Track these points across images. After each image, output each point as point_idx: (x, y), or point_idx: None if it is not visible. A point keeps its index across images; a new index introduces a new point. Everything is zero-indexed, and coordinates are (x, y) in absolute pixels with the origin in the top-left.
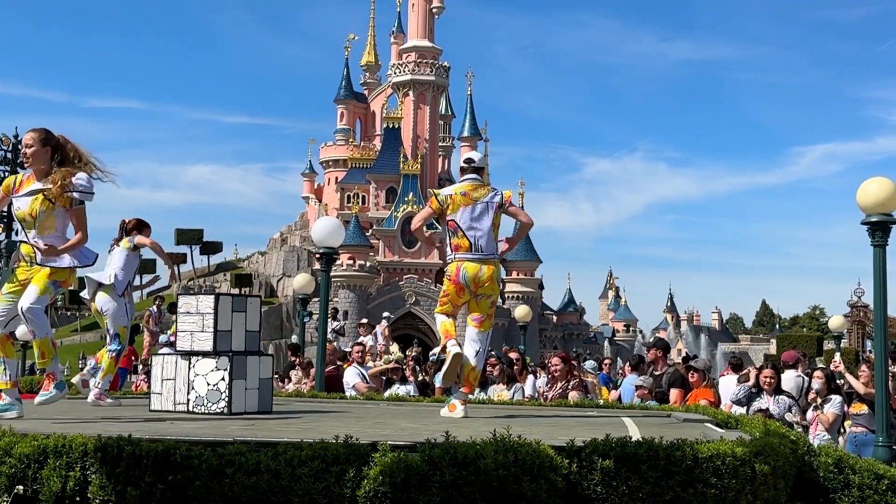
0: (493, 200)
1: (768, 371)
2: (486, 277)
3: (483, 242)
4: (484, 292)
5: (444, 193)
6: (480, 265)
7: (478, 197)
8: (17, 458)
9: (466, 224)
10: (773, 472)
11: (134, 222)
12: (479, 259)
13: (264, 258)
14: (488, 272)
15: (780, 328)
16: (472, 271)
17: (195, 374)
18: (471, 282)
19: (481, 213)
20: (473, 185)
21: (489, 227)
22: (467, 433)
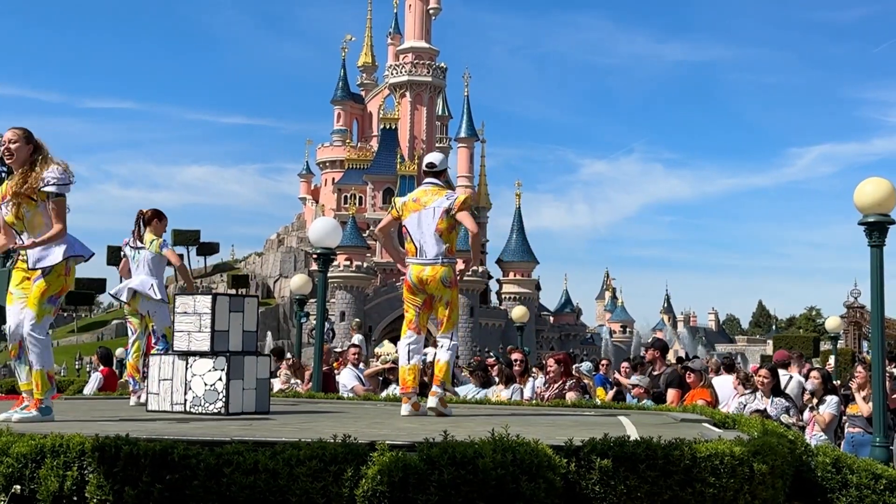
0: (441, 205)
1: (763, 371)
2: (429, 277)
3: (427, 247)
4: (432, 293)
5: (401, 201)
6: (424, 267)
7: (427, 202)
8: (15, 458)
9: (413, 229)
10: (771, 471)
11: (150, 213)
12: (422, 263)
13: (261, 259)
14: (431, 272)
15: (776, 329)
16: (416, 272)
17: (192, 374)
18: (416, 281)
19: (427, 219)
20: (427, 190)
21: (433, 232)
22: (465, 433)
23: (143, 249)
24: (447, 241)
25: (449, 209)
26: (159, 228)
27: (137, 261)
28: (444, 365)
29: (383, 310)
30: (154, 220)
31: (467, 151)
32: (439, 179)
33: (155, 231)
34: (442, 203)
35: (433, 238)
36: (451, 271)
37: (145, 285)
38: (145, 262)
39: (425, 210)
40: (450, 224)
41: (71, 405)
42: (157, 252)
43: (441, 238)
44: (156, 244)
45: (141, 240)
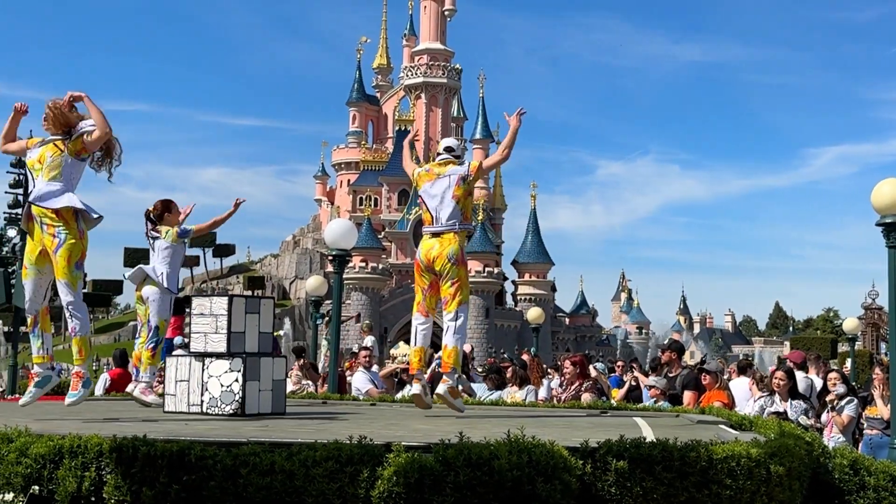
0: (457, 172)
1: (779, 373)
2: (436, 253)
3: (442, 213)
4: (439, 270)
5: (417, 171)
6: (433, 243)
7: (441, 172)
8: (33, 459)
9: (427, 196)
10: (788, 473)
11: (160, 206)
12: (434, 231)
13: (277, 261)
14: (440, 248)
15: (793, 330)
16: (425, 249)
17: (209, 375)
18: (424, 258)
19: (442, 185)
20: (440, 161)
21: (449, 198)
22: (481, 434)
23: (158, 238)
24: (462, 207)
25: (465, 176)
26: (173, 218)
27: (156, 250)
28: (451, 350)
29: (399, 311)
30: (165, 213)
31: (482, 153)
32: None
33: (170, 222)
34: (457, 170)
35: (450, 204)
36: (458, 248)
37: (155, 271)
38: (159, 250)
39: (440, 178)
40: (465, 191)
41: (88, 406)
42: (173, 241)
43: (457, 204)
44: (171, 233)
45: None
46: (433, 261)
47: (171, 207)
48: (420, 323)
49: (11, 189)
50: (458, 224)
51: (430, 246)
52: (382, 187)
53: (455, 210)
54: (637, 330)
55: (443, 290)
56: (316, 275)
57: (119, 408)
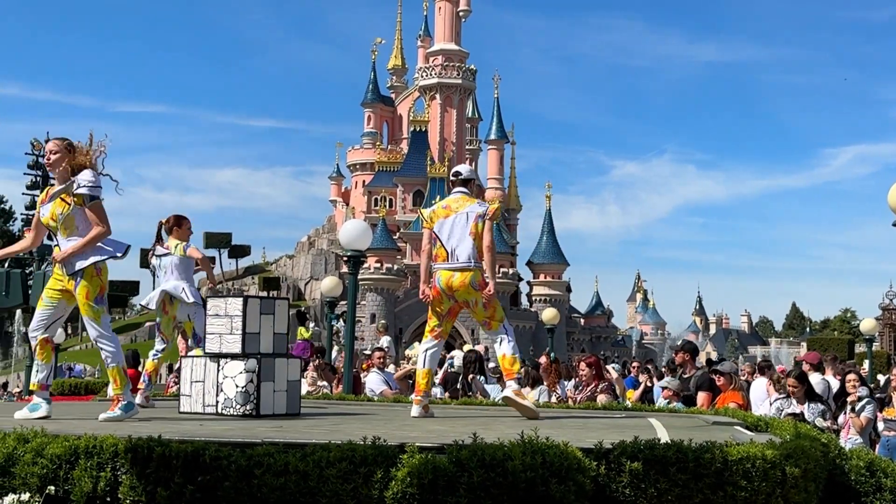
0: (475, 210)
1: (791, 381)
2: (458, 283)
3: (460, 251)
4: (462, 298)
5: (428, 212)
6: (453, 273)
7: (458, 208)
8: (49, 459)
9: (444, 234)
10: (803, 474)
11: (172, 220)
12: (452, 268)
13: (292, 261)
14: (460, 278)
15: (810, 331)
16: (445, 278)
17: (224, 376)
18: (445, 287)
19: (460, 224)
20: (457, 198)
21: (466, 236)
22: (495, 435)
23: (168, 255)
24: (479, 245)
25: (483, 214)
26: (182, 233)
27: (164, 267)
28: (510, 357)
29: (414, 312)
30: (175, 227)
31: (497, 153)
32: (467, 188)
33: (179, 237)
34: (476, 209)
35: (467, 242)
36: (479, 274)
37: (177, 289)
38: (172, 267)
39: (458, 215)
40: (480, 229)
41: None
42: (181, 255)
43: (474, 242)
44: (180, 248)
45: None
46: (455, 290)
47: (182, 223)
48: (430, 346)
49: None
50: (473, 262)
51: (450, 275)
52: (397, 188)
53: (473, 248)
54: (653, 331)
55: (478, 315)
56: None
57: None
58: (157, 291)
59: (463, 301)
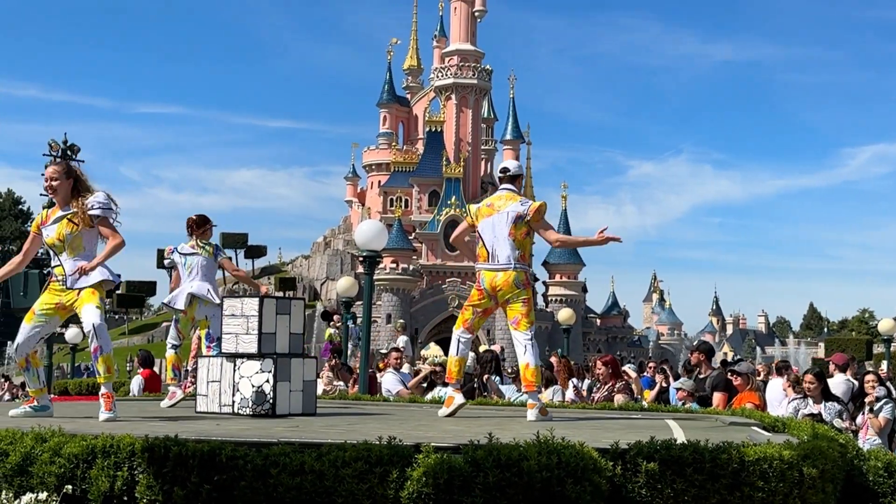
0: (515, 210)
1: (808, 377)
2: (501, 283)
3: (499, 252)
4: (504, 296)
5: (475, 207)
6: (496, 273)
7: (501, 207)
8: (66, 458)
9: (486, 234)
10: (821, 475)
11: (198, 219)
12: (493, 268)
13: (308, 262)
14: (504, 276)
15: (828, 331)
16: (489, 278)
17: (240, 376)
18: (489, 287)
19: (500, 223)
20: (501, 195)
21: (506, 236)
22: (510, 435)
23: (195, 255)
24: (520, 246)
25: (523, 215)
26: (207, 234)
27: (190, 266)
28: (535, 369)
29: (429, 312)
30: (199, 227)
31: (513, 153)
32: (514, 185)
33: (203, 237)
34: (516, 208)
35: (506, 242)
36: (523, 273)
37: (203, 290)
38: (199, 268)
39: (498, 214)
40: (523, 230)
41: (121, 406)
42: (210, 256)
43: (514, 243)
44: (209, 249)
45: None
46: (497, 289)
47: (207, 224)
48: (462, 334)
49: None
50: (514, 264)
51: (494, 275)
52: (413, 188)
53: (512, 249)
54: (669, 331)
55: (512, 310)
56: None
57: (151, 408)
58: (182, 291)
59: (503, 300)
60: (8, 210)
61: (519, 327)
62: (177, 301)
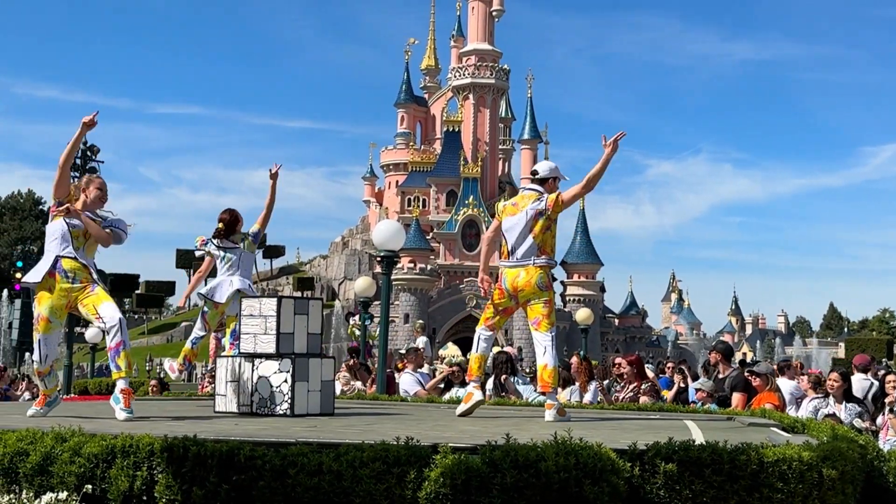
0: (533, 207)
1: (833, 375)
2: (523, 282)
3: (518, 249)
4: (525, 297)
5: (501, 205)
6: (518, 272)
7: (523, 206)
8: (86, 458)
9: (508, 232)
10: (841, 476)
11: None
12: (513, 265)
13: (326, 262)
14: (526, 277)
15: (848, 331)
16: (510, 277)
17: (258, 375)
18: (510, 287)
19: (521, 221)
20: (525, 194)
21: (526, 234)
22: (528, 435)
23: (235, 248)
24: (540, 242)
25: (543, 210)
26: (240, 227)
27: (230, 260)
28: (552, 370)
29: (447, 312)
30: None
31: (531, 153)
32: (543, 187)
33: (237, 231)
34: (535, 205)
35: (526, 239)
36: (545, 275)
37: (245, 285)
38: (239, 262)
39: (521, 213)
40: (544, 225)
41: (140, 406)
42: (248, 251)
43: (534, 239)
44: (249, 243)
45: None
46: (519, 290)
47: (238, 219)
48: (486, 334)
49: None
50: (534, 259)
51: (516, 274)
52: (430, 188)
53: (532, 246)
54: (688, 331)
55: (533, 311)
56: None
57: (170, 407)
58: (222, 283)
59: (524, 301)
60: (28, 210)
61: (540, 328)
62: (218, 294)
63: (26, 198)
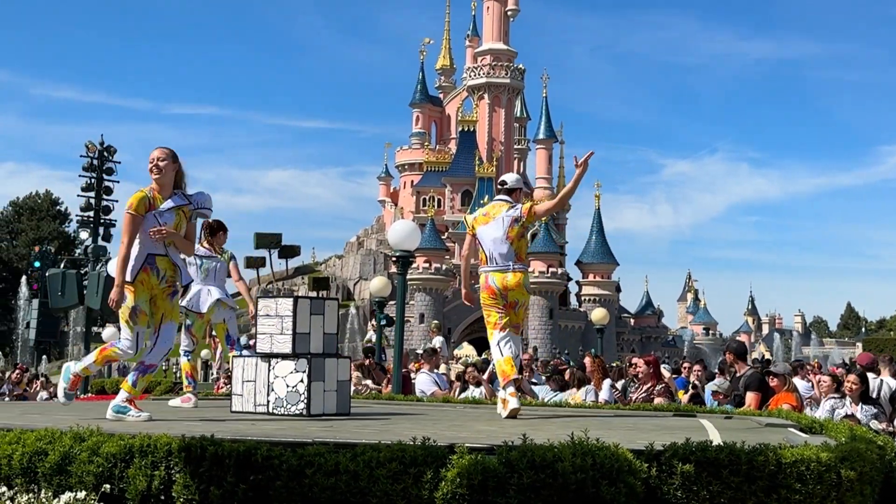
0: (509, 215)
1: (852, 377)
2: (513, 283)
3: (497, 255)
4: (514, 298)
5: (471, 217)
6: (505, 273)
7: (496, 214)
8: (105, 458)
9: (485, 241)
10: (859, 477)
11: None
12: (497, 269)
13: (341, 262)
14: (514, 278)
15: (866, 331)
16: (499, 278)
17: (275, 375)
18: (500, 287)
19: (497, 228)
20: (496, 204)
21: (503, 240)
22: (545, 436)
23: (213, 259)
24: (517, 248)
25: (518, 218)
26: (223, 240)
27: (207, 269)
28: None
29: (462, 312)
30: (219, 232)
31: (546, 153)
32: (511, 197)
33: (220, 242)
34: (511, 213)
35: (504, 246)
36: (527, 277)
37: (224, 294)
38: (216, 272)
39: (494, 221)
40: (519, 232)
41: (158, 406)
42: (226, 263)
43: (511, 245)
44: (227, 255)
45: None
46: (509, 289)
47: (224, 229)
48: (503, 337)
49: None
50: (512, 265)
51: (504, 275)
52: (446, 188)
53: (511, 251)
54: (704, 331)
55: (518, 316)
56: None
57: (187, 407)
58: (202, 294)
59: (513, 301)
60: (46, 211)
61: (517, 331)
62: (200, 305)
63: (44, 198)
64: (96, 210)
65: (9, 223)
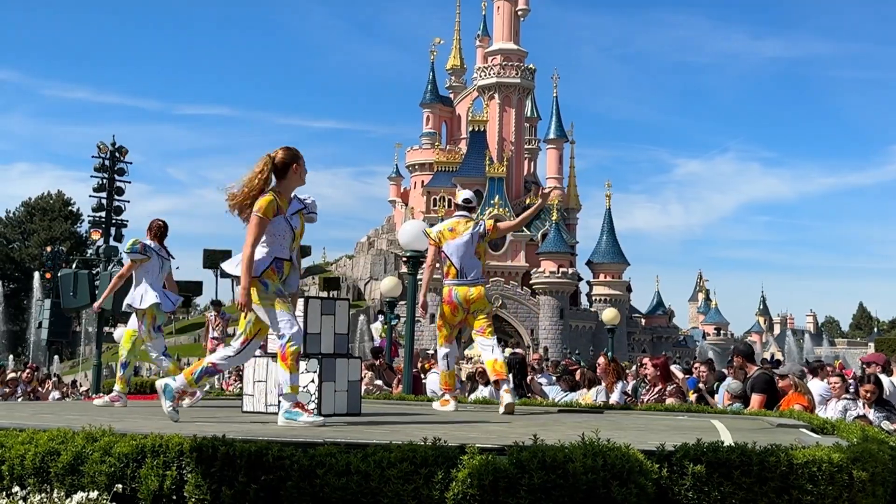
0: (477, 231)
1: (869, 386)
2: (475, 295)
3: (468, 270)
4: (476, 308)
5: (435, 230)
6: (469, 288)
7: (463, 231)
8: (117, 458)
9: (454, 255)
10: (871, 478)
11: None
12: (465, 283)
13: (352, 262)
14: (476, 291)
15: (878, 331)
16: (462, 292)
17: None
18: (462, 300)
19: (468, 245)
20: (459, 220)
21: (472, 255)
22: (556, 436)
23: (169, 260)
24: (483, 262)
25: (483, 234)
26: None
27: (165, 270)
28: (502, 362)
29: None
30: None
31: (556, 153)
32: (469, 213)
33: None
34: (477, 229)
35: (473, 261)
36: (487, 289)
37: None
38: (167, 272)
39: (462, 238)
40: (483, 247)
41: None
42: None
43: (479, 261)
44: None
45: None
46: (472, 301)
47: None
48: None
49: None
50: (480, 278)
51: (467, 290)
52: (456, 188)
53: (479, 266)
54: (715, 331)
55: (480, 322)
56: (390, 276)
57: (198, 407)
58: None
59: (474, 311)
60: (58, 211)
61: (485, 335)
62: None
63: (56, 199)
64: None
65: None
